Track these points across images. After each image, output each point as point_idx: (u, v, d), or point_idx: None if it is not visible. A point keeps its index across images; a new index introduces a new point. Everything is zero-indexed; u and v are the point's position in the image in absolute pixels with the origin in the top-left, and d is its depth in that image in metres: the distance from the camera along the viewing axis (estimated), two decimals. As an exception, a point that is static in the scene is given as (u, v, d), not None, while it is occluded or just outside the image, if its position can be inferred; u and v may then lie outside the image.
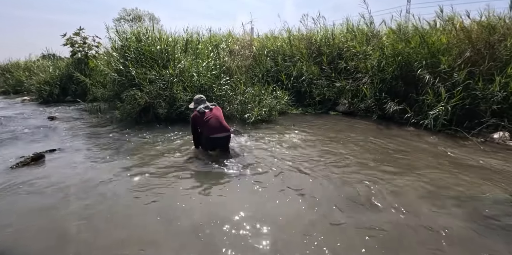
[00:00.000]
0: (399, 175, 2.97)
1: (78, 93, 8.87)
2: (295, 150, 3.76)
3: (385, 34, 6.58)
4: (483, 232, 2.04)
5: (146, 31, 6.33)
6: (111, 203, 2.49)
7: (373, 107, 5.74)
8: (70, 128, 5.20)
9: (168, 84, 5.40)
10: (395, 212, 2.29)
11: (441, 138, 4.46)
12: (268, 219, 2.20)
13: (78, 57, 9.71)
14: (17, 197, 2.62)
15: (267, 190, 2.68)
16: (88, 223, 2.20)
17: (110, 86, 6.18)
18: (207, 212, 2.31)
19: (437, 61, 5.35)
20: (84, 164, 3.39)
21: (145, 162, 3.40)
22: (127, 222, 2.21)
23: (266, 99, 5.52)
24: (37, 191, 2.71)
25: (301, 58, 6.90)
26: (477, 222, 2.15)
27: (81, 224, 2.18)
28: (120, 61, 6.03)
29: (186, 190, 2.71)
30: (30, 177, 3.02)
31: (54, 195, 2.64)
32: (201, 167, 3.24)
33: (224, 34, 8.87)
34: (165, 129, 4.94)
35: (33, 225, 2.18)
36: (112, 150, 3.90)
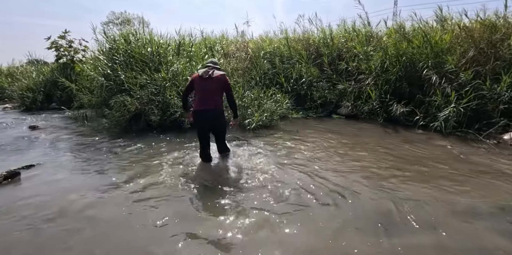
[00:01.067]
0: (426, 187, 2.66)
1: (64, 100, 8.35)
2: (306, 161, 3.39)
3: (386, 34, 6.39)
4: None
5: (136, 33, 5.94)
6: (97, 232, 2.08)
7: (377, 109, 5.48)
8: (52, 139, 4.73)
9: (160, 89, 5.00)
10: (434, 231, 1.97)
11: (453, 141, 4.21)
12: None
13: (64, 61, 9.22)
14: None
15: (278, 216, 2.32)
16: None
17: (98, 92, 5.74)
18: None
19: (442, 61, 5.16)
20: (66, 182, 2.96)
21: (137, 179, 2.98)
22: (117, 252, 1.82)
23: (266, 103, 5.19)
24: (7, 219, 2.28)
25: (300, 59, 6.62)
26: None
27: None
28: (107, 64, 5.61)
29: (184, 216, 2.30)
30: (1, 200, 2.58)
31: (28, 222, 2.22)
32: (199, 188, 2.76)
33: (218, 36, 8.57)
34: (158, 137, 4.53)
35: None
36: (99, 164, 3.47)
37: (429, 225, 2.05)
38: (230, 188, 2.73)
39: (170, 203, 2.46)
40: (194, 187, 2.78)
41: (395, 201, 2.38)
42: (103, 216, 2.27)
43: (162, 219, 2.20)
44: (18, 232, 2.10)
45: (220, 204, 2.43)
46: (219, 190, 2.69)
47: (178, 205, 2.44)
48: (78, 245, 1.94)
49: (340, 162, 3.32)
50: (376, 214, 2.21)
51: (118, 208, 2.40)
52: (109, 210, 2.36)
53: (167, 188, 2.74)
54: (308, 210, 2.29)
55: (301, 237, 1.95)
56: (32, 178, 3.08)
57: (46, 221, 2.22)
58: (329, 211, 2.28)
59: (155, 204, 2.44)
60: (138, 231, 2.07)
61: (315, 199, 2.47)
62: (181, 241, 1.94)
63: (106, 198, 2.59)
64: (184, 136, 4.53)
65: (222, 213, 2.28)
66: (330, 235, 1.97)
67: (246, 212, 2.27)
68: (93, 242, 1.96)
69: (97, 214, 2.31)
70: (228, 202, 2.45)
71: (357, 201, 2.42)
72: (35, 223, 2.20)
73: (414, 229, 2.01)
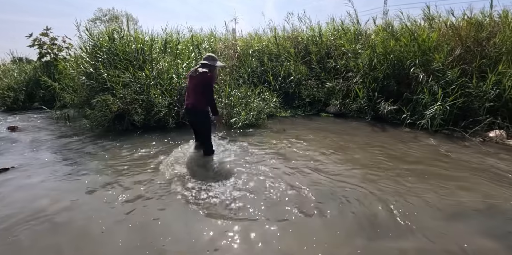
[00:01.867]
0: (413, 187, 2.63)
1: (47, 99, 8.09)
2: (292, 161, 3.32)
3: (374, 31, 6.37)
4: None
5: (120, 30, 5.76)
6: (69, 239, 1.97)
7: (366, 108, 5.46)
8: (32, 140, 4.54)
9: (144, 88, 4.86)
10: (419, 234, 1.93)
11: (440, 139, 4.22)
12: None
13: (47, 59, 8.93)
14: None
15: (265, 220, 2.25)
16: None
17: (80, 91, 5.55)
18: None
19: (429, 59, 5.16)
20: (42, 187, 2.81)
21: (118, 182, 2.86)
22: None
23: (254, 102, 5.10)
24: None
25: (288, 57, 6.55)
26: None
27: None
28: (90, 62, 5.43)
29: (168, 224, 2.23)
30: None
31: (5, 230, 2.09)
32: (183, 191, 2.64)
33: (206, 34, 8.42)
34: (143, 138, 4.40)
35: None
36: (78, 166, 3.32)
37: (414, 227, 2.01)
38: (214, 191, 2.64)
39: (153, 207, 2.36)
40: (178, 190, 2.67)
41: (382, 202, 2.34)
42: (78, 224, 2.15)
43: (142, 225, 2.10)
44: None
45: (206, 209, 2.34)
46: (204, 193, 2.60)
47: (162, 209, 2.34)
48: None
49: (328, 162, 3.26)
50: (363, 216, 2.16)
51: (96, 214, 2.28)
52: (85, 218, 2.23)
53: (151, 191, 2.63)
54: (292, 212, 2.23)
55: (283, 239, 1.88)
56: (5, 183, 2.92)
57: (15, 230, 2.09)
58: (315, 214, 2.22)
59: (135, 209, 2.33)
60: (115, 239, 1.97)
61: (299, 201, 2.40)
62: (162, 247, 1.85)
63: (83, 203, 2.45)
64: (170, 136, 4.41)
65: (206, 219, 2.19)
66: (312, 239, 1.90)
67: (231, 217, 2.19)
68: (67, 251, 1.85)
69: (70, 221, 2.18)
70: (212, 207, 2.37)
71: (344, 202, 2.36)
72: (3, 233, 2.07)
73: (400, 232, 1.96)
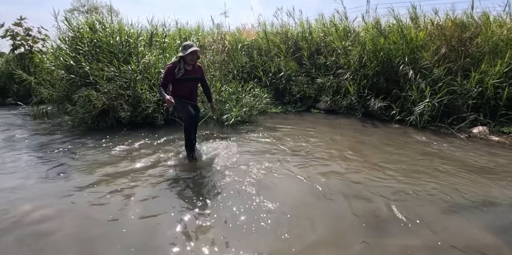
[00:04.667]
0: (409, 184, 2.64)
1: (22, 94, 7.62)
2: (286, 158, 3.26)
3: (363, 29, 6.41)
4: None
5: (102, 21, 5.44)
6: (54, 248, 1.82)
7: (356, 104, 5.50)
8: (6, 139, 4.21)
9: (130, 83, 4.63)
10: (422, 230, 1.93)
11: (427, 135, 4.32)
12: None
13: (21, 51, 8.37)
14: None
15: (261, 217, 2.17)
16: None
17: (59, 86, 5.21)
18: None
19: (417, 57, 5.26)
20: (20, 190, 2.58)
21: (103, 184, 2.68)
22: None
23: (245, 97, 5.00)
24: None
25: (278, 53, 6.48)
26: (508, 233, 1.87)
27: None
28: (70, 55, 5.10)
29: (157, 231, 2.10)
30: None
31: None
32: (172, 193, 2.52)
33: (193, 27, 8.17)
34: (130, 135, 4.19)
35: None
36: (59, 167, 3.08)
37: (417, 224, 2.00)
38: (205, 191, 2.54)
39: (139, 211, 2.22)
40: (168, 190, 2.55)
41: (380, 199, 2.33)
42: (61, 231, 1.98)
43: (128, 230, 1.97)
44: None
45: (196, 211, 2.24)
46: (195, 194, 2.49)
47: (148, 213, 2.21)
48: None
49: (321, 159, 3.23)
50: (364, 213, 2.13)
51: (79, 220, 2.11)
52: (68, 223, 2.07)
53: (138, 193, 2.48)
54: (292, 211, 2.17)
55: (284, 239, 1.82)
56: (-23, 185, 2.68)
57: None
58: (314, 211, 2.17)
59: (121, 213, 2.19)
60: (100, 245, 1.83)
61: (297, 199, 2.35)
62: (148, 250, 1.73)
63: (65, 208, 2.27)
64: (158, 133, 4.23)
65: (195, 221, 2.09)
66: (313, 237, 1.85)
67: (226, 215, 2.10)
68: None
69: (54, 227, 2.01)
70: (203, 208, 2.27)
71: (343, 200, 2.34)
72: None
73: (403, 229, 1.96)
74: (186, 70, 3.04)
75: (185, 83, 3.12)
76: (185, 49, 2.96)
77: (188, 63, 3.05)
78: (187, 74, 3.06)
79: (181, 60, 3.03)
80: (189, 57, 2.98)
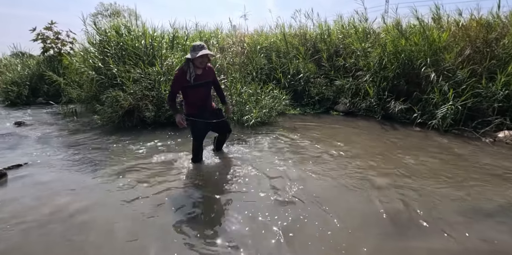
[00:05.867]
0: (432, 187, 2.63)
1: (51, 94, 8.03)
2: (307, 160, 3.32)
3: (383, 30, 6.35)
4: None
5: (128, 25, 5.70)
6: (88, 238, 1.96)
7: (375, 106, 5.46)
8: (40, 136, 4.50)
9: (155, 84, 4.82)
10: (443, 234, 1.94)
11: (450, 138, 4.23)
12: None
13: (51, 54, 8.84)
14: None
15: (283, 220, 2.24)
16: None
17: (88, 87, 5.50)
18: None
19: (439, 58, 5.17)
20: (56, 183, 2.79)
21: (131, 180, 2.84)
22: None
23: (264, 99, 5.08)
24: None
25: (297, 55, 6.53)
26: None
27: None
28: (98, 57, 5.37)
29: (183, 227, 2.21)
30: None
31: (17, 227, 2.07)
32: (192, 190, 2.61)
33: (212, 30, 8.35)
34: (154, 134, 4.37)
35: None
36: (90, 163, 3.29)
37: (439, 228, 2.01)
38: (227, 192, 2.63)
39: (165, 205, 2.35)
40: (188, 188, 2.67)
41: (403, 202, 2.34)
42: (95, 221, 2.15)
43: (158, 223, 2.10)
44: (6, 237, 1.95)
45: (217, 209, 2.34)
46: (215, 192, 2.60)
47: (174, 208, 2.33)
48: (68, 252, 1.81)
49: (342, 162, 3.26)
50: (385, 215, 2.16)
51: (111, 211, 2.27)
52: (101, 214, 2.23)
53: (163, 189, 2.62)
54: (314, 212, 2.23)
55: (310, 243, 1.88)
56: (20, 179, 2.90)
57: (35, 226, 2.08)
58: (337, 213, 2.22)
59: (151, 207, 2.32)
60: (132, 237, 1.96)
61: (319, 200, 2.40)
62: (174, 245, 1.84)
63: (98, 200, 2.45)
64: (180, 132, 4.39)
65: (219, 220, 2.19)
66: (337, 239, 1.90)
67: (246, 216, 2.19)
68: (85, 249, 1.84)
69: (89, 218, 2.18)
70: (226, 209, 2.36)
71: (365, 202, 2.37)
72: (24, 228, 2.05)
73: (424, 232, 1.97)
74: (196, 74, 2.73)
75: (197, 89, 2.81)
76: (194, 51, 2.62)
77: (198, 66, 2.73)
78: (198, 79, 2.75)
79: (189, 63, 2.70)
80: (198, 60, 2.66)
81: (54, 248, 1.85)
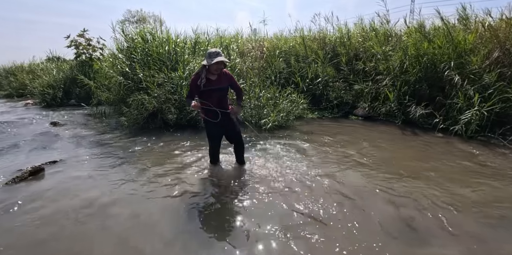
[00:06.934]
0: (452, 194, 2.59)
1: (82, 96, 8.59)
2: (324, 165, 3.35)
3: (405, 33, 6.23)
4: None
5: (153, 32, 6.02)
6: (121, 229, 2.14)
7: (395, 111, 5.36)
8: (73, 135, 4.87)
9: (177, 88, 5.06)
10: (463, 242, 1.92)
11: (475, 145, 4.07)
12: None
13: (83, 59, 9.46)
14: (10, 222, 2.29)
15: (298, 225, 2.31)
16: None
17: (116, 90, 5.86)
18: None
19: (465, 61, 4.99)
20: (88, 179, 3.05)
21: (157, 177, 3.05)
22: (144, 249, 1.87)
23: (282, 103, 5.16)
24: (33, 214, 2.37)
25: (316, 59, 6.55)
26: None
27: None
28: (126, 63, 5.72)
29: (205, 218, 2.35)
30: (26, 196, 2.68)
31: (54, 218, 2.30)
32: (214, 190, 2.79)
33: (232, 34, 8.57)
34: (175, 136, 4.59)
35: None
36: (117, 162, 3.55)
37: (459, 236, 1.99)
38: (245, 194, 2.74)
39: (183, 202, 2.50)
40: (211, 187, 2.81)
41: (421, 209, 2.33)
42: (122, 213, 2.35)
43: (181, 221, 2.24)
44: (46, 227, 2.18)
45: (235, 211, 2.45)
46: (234, 194, 2.71)
47: (196, 204, 2.47)
48: (100, 240, 2.00)
49: (361, 167, 3.26)
50: (402, 222, 2.17)
51: (135, 204, 2.46)
52: (128, 207, 2.43)
53: (183, 186, 2.79)
54: (329, 217, 2.28)
55: (332, 246, 1.94)
56: (56, 174, 3.19)
57: (71, 216, 2.30)
58: (353, 220, 2.25)
59: (174, 204, 2.48)
60: (160, 229, 2.12)
61: (335, 205, 2.45)
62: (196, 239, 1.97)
63: (125, 194, 2.66)
64: (200, 135, 4.57)
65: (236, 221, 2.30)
66: (353, 245, 1.94)
67: (262, 220, 2.28)
68: (113, 238, 2.02)
69: (117, 210, 2.38)
70: (244, 211, 2.47)
71: (383, 206, 2.38)
72: (60, 217, 2.28)
73: (443, 239, 1.96)
74: (208, 80, 2.79)
75: (209, 94, 2.84)
76: (210, 57, 2.66)
77: (213, 72, 2.77)
78: (210, 85, 2.79)
79: (203, 69, 2.76)
80: (214, 67, 2.70)
81: (88, 236, 2.05)
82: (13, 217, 2.33)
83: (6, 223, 2.24)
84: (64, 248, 1.94)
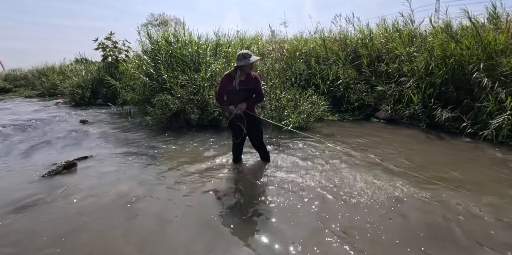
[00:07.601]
0: (481, 203, 2.49)
1: (109, 96, 8.99)
2: (345, 168, 3.32)
3: (431, 33, 6.04)
4: None
5: (177, 34, 6.22)
6: (144, 223, 2.25)
7: (420, 114, 5.21)
8: (101, 133, 5.13)
9: (199, 89, 5.20)
10: (487, 250, 1.86)
11: (505, 151, 3.87)
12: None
13: (109, 61, 9.90)
14: (51, 211, 2.46)
15: (321, 230, 2.32)
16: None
17: (140, 90, 6.10)
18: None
19: (495, 63, 4.77)
20: (117, 174, 3.22)
21: (179, 174, 3.17)
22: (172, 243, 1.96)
23: (302, 104, 5.16)
24: (71, 206, 2.54)
25: (336, 60, 6.49)
26: None
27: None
28: (150, 64, 5.94)
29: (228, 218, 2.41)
30: (62, 188, 2.88)
31: (90, 211, 2.45)
32: (242, 188, 2.85)
33: (252, 36, 8.65)
34: (197, 136, 4.71)
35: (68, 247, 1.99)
36: (143, 159, 3.71)
37: (484, 243, 1.93)
38: (264, 196, 2.78)
39: (206, 199, 2.60)
40: (235, 187, 2.87)
41: (450, 216, 2.27)
42: (149, 208, 2.47)
43: (202, 213, 2.32)
44: (76, 214, 2.33)
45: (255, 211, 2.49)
46: (262, 194, 2.76)
47: (213, 201, 2.54)
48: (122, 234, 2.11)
49: (387, 173, 3.18)
50: (429, 228, 2.13)
51: (161, 200, 2.57)
52: (153, 203, 2.55)
53: (206, 184, 2.89)
54: (354, 222, 2.27)
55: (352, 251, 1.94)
56: (87, 169, 3.39)
57: (100, 208, 2.46)
58: (378, 224, 2.23)
59: (199, 200, 2.57)
60: (181, 226, 2.20)
61: (360, 209, 2.44)
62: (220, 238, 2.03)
63: (150, 191, 2.79)
64: (221, 135, 4.66)
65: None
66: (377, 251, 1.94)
67: (290, 224, 2.31)
68: (138, 232, 2.12)
69: (143, 205, 2.51)
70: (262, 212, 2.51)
71: (410, 214, 2.33)
72: (91, 211, 2.44)
73: (466, 249, 1.91)
74: (240, 80, 2.93)
75: (239, 94, 2.98)
76: (245, 58, 2.81)
77: (246, 72, 2.91)
78: (242, 85, 2.94)
79: (237, 70, 2.91)
80: (249, 67, 2.87)
81: (113, 228, 2.18)
82: (50, 207, 2.50)
83: (47, 212, 2.41)
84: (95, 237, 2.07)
